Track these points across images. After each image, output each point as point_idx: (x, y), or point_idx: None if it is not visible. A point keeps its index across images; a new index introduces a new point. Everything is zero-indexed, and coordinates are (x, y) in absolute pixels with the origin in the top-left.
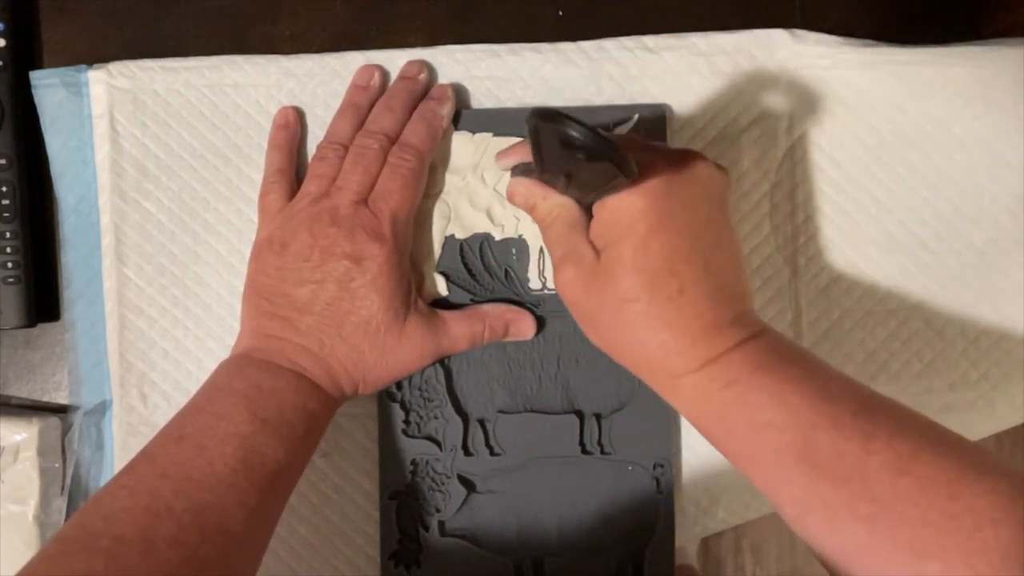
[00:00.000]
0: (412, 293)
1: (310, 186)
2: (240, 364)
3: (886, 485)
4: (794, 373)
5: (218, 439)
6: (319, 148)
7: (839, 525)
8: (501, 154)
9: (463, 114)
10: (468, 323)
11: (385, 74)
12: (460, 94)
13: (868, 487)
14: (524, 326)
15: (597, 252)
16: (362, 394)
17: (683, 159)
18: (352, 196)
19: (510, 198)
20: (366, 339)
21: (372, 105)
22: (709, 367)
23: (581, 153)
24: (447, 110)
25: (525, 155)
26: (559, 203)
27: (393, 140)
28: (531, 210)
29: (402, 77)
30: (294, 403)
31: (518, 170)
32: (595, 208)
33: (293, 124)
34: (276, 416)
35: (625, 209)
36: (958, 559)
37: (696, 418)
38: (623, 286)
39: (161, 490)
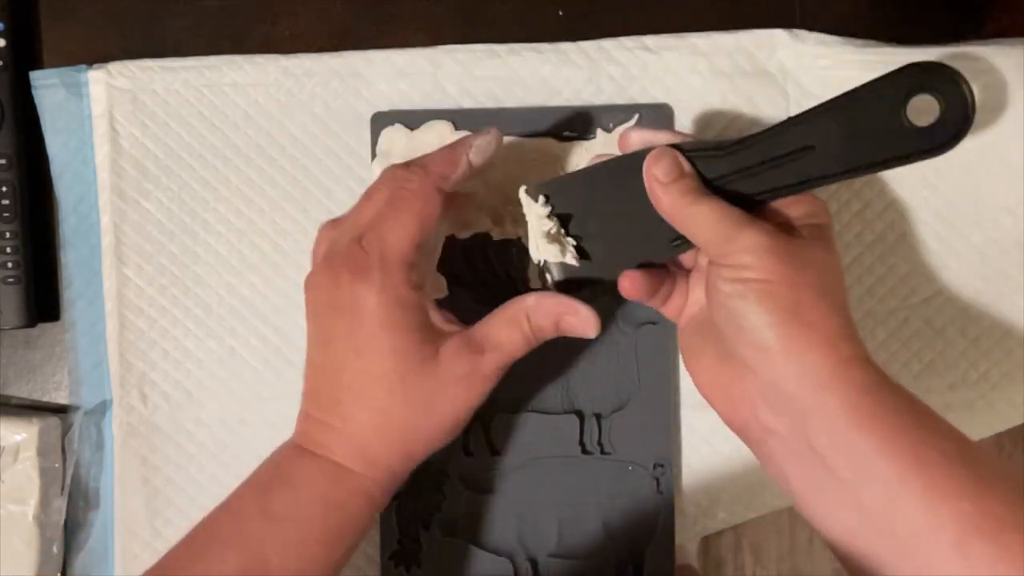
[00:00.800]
0: (434, 319)
1: (331, 230)
2: (278, 449)
3: None
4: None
5: (221, 540)
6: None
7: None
8: (637, 130)
9: (464, 114)
10: (512, 326)
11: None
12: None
13: None
14: (580, 322)
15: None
16: (423, 458)
17: None
18: (349, 233)
19: (664, 183)
20: (391, 396)
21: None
22: (875, 366)
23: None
24: (481, 142)
25: (663, 138)
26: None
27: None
28: (692, 204)
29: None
30: (312, 495)
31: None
32: (799, 198)
33: None
34: (291, 511)
35: (822, 206)
36: None
37: (862, 403)
38: (830, 259)
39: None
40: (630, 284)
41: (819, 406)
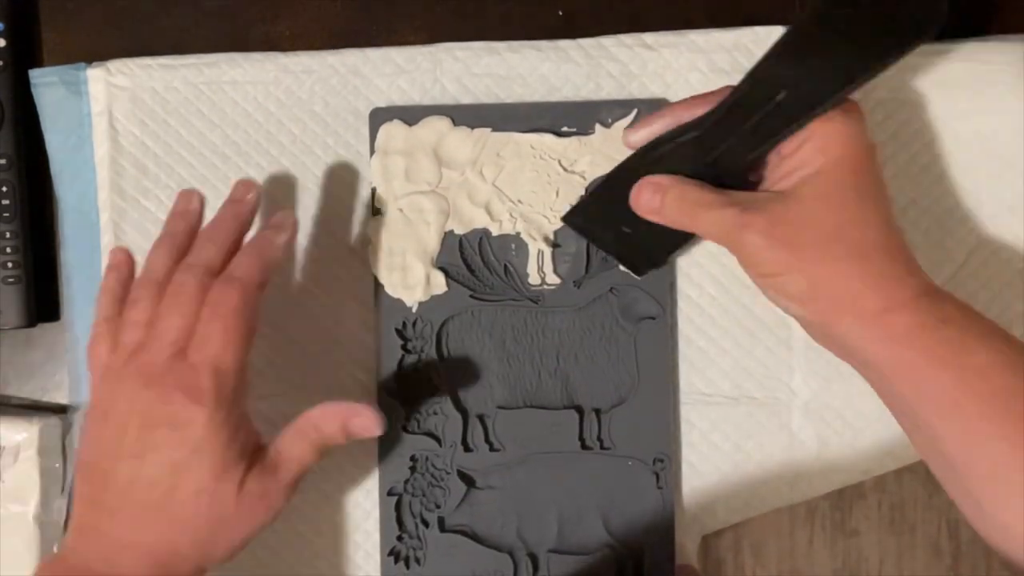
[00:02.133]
0: (249, 443)
1: (125, 335)
2: (54, 567)
3: None
4: (993, 324)
5: None
6: (133, 288)
7: None
8: (633, 128)
9: (462, 109)
10: (302, 439)
11: (204, 198)
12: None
13: None
14: (367, 423)
15: (779, 193)
16: (211, 569)
17: None
18: (168, 348)
19: (656, 210)
20: (199, 515)
21: (193, 233)
22: (925, 299)
23: None
24: (283, 239)
25: (661, 126)
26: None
27: (216, 274)
28: (691, 222)
29: (229, 200)
30: None
31: (661, 150)
32: (787, 147)
33: (126, 263)
34: None
35: (837, 132)
36: None
37: (898, 356)
38: (840, 209)
39: None
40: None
41: (870, 360)
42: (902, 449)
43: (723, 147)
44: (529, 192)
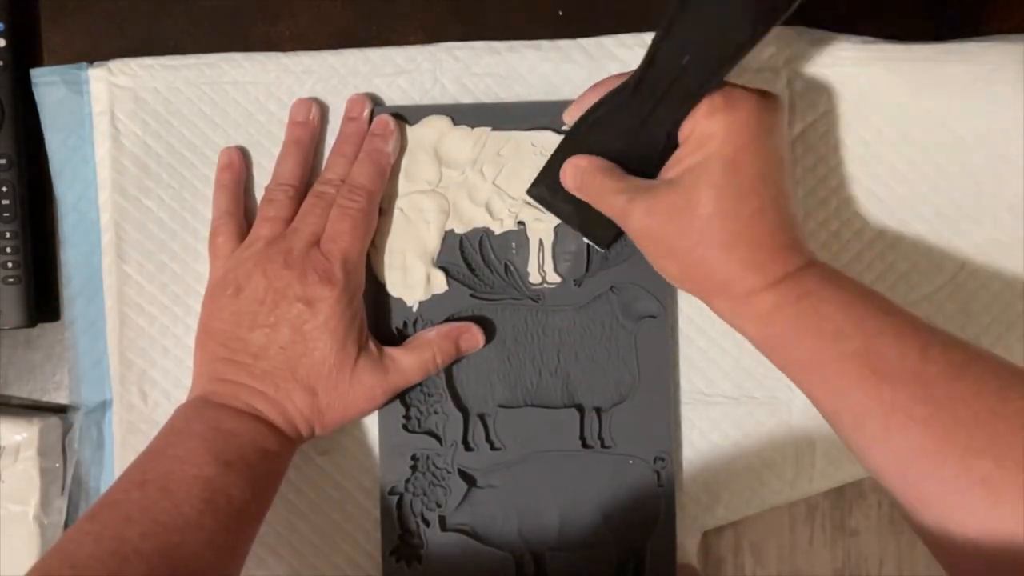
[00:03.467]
0: (364, 333)
1: (262, 229)
2: (198, 407)
3: (942, 388)
4: (859, 290)
5: (183, 482)
6: (267, 191)
7: (896, 427)
8: (569, 109)
9: (462, 109)
10: (416, 354)
11: (321, 106)
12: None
13: (926, 389)
14: (473, 337)
15: (667, 181)
16: (320, 435)
17: (761, 90)
18: (306, 239)
19: (578, 189)
20: (319, 381)
21: (313, 139)
22: (784, 283)
23: None
24: (392, 146)
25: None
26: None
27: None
28: (599, 204)
29: (348, 119)
30: (254, 444)
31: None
32: (682, 133)
33: (237, 164)
34: (237, 457)
35: (719, 126)
36: (1008, 455)
37: (765, 332)
38: (711, 202)
39: (127, 534)
40: None
41: (744, 333)
42: None
43: (646, 111)
44: None
